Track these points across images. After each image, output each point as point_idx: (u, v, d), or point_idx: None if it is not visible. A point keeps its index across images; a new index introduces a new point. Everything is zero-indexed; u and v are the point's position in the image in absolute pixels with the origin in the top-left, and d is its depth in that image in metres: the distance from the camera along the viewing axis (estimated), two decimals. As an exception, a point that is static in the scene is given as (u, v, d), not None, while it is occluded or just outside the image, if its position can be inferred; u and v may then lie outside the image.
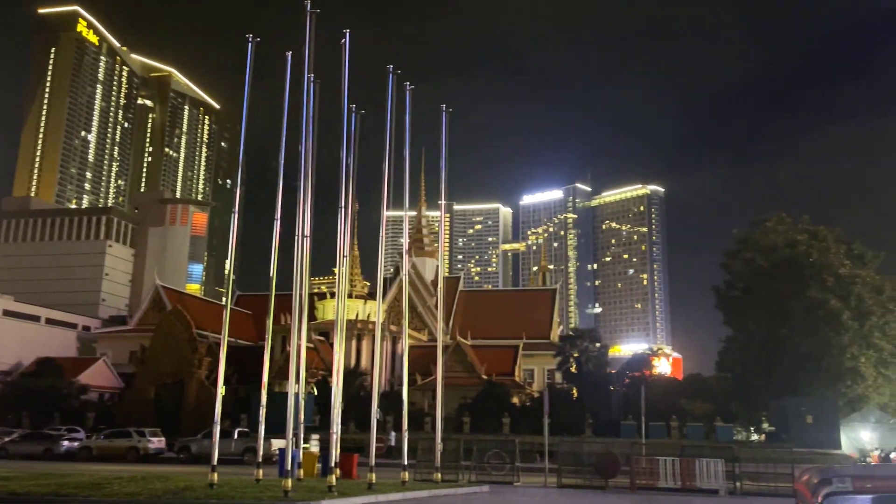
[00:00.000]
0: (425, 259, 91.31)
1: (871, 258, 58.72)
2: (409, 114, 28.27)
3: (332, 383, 25.68)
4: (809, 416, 47.82)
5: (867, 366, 53.15)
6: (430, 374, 59.29)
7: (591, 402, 57.84)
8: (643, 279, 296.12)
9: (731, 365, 60.81)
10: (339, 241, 25.62)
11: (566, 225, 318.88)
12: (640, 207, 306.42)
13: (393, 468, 28.44)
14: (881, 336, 54.86)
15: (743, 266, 60.21)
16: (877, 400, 53.64)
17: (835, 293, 53.67)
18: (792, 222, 61.03)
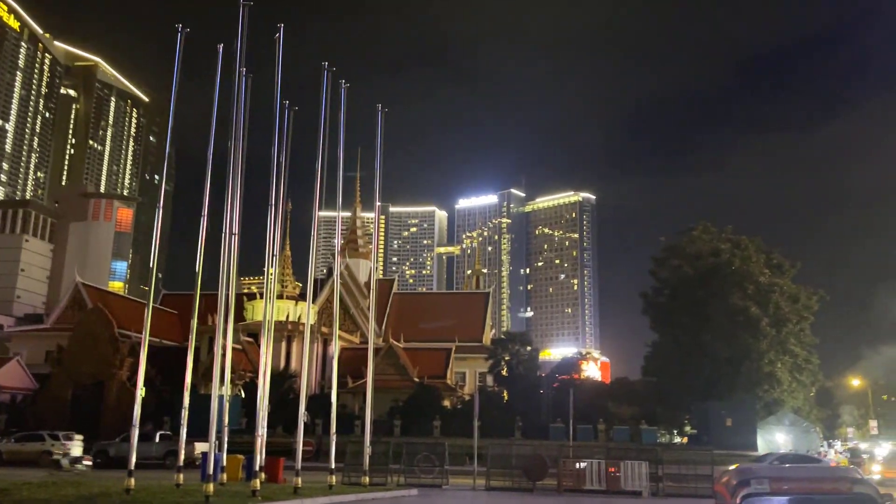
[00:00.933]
0: (359, 260, 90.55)
1: (788, 268, 61.30)
2: (343, 112, 27.95)
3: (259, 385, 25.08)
4: (729, 419, 49.50)
5: (783, 371, 55.43)
6: (361, 376, 58.70)
7: (521, 405, 58.40)
8: (574, 284, 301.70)
9: (656, 369, 62.45)
10: (270, 240, 25.08)
11: (500, 229, 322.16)
12: (573, 214, 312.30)
13: (321, 472, 27.95)
14: (796, 342, 57.34)
15: (669, 273, 62.02)
16: (791, 403, 55.99)
17: (755, 301, 55.80)
18: (716, 231, 63.22)
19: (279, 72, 24.70)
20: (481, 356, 72.34)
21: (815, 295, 60.08)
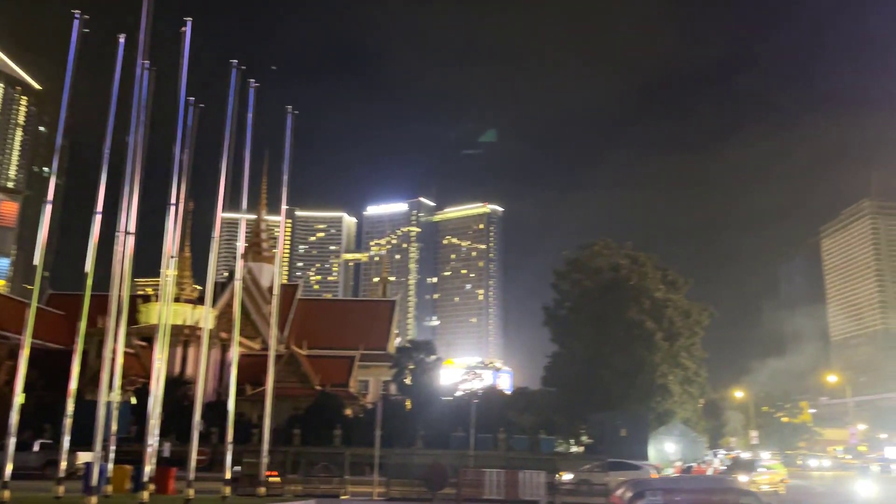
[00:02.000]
0: (263, 265, 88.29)
1: (682, 284, 64.14)
2: (251, 112, 27.20)
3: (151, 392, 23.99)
4: (624, 429, 51.08)
5: (674, 383, 57.85)
6: (261, 383, 57.11)
7: (424, 414, 58.32)
8: (479, 294, 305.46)
9: (555, 380, 63.88)
10: (168, 240, 24.09)
11: (409, 238, 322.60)
12: (480, 225, 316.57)
13: (216, 482, 26.98)
14: (687, 356, 60.00)
15: (571, 286, 63.72)
16: (681, 415, 58.46)
17: (650, 315, 58.05)
18: (616, 247, 65.44)
19: (184, 67, 23.83)
20: (386, 364, 71.88)
21: (705, 311, 63.09)
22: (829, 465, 79.31)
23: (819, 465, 77.06)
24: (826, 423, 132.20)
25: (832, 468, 75.98)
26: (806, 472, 67.05)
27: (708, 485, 13.34)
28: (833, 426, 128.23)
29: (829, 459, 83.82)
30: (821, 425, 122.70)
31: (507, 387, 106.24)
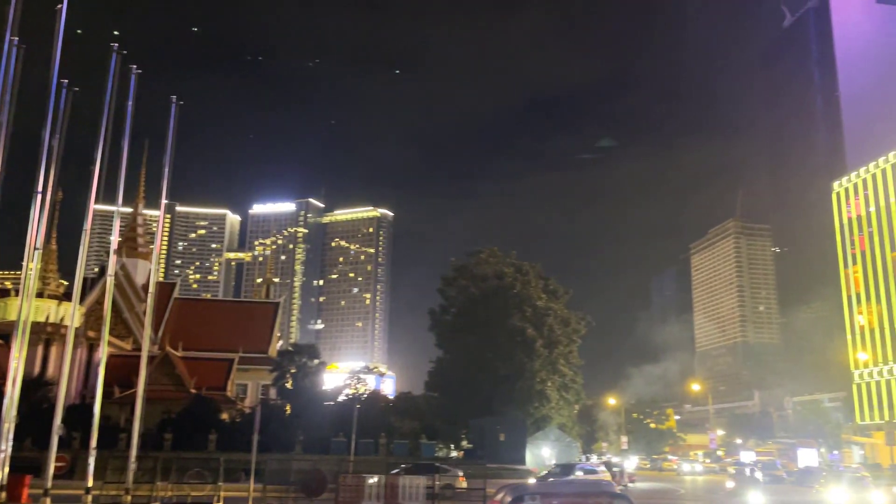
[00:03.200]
0: (138, 261, 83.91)
1: (562, 294, 66.39)
2: (132, 99, 25.83)
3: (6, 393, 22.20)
4: (503, 434, 52.18)
5: (552, 389, 59.71)
6: (131, 385, 54.36)
7: (304, 419, 57.26)
8: (366, 299, 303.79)
9: (438, 385, 64.46)
10: (32, 230, 22.45)
11: (296, 239, 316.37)
12: (370, 229, 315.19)
13: (77, 489, 25.28)
14: (565, 363, 62.09)
15: (457, 292, 64.56)
16: (557, 420, 60.39)
17: (532, 323, 59.70)
18: (502, 256, 66.91)
19: (58, 46, 22.31)
20: (266, 368, 70.05)
21: (583, 320, 65.58)
22: (701, 469, 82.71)
23: (692, 469, 79.40)
24: (689, 429, 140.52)
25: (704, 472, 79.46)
26: (680, 477, 70.09)
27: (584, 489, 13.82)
28: (695, 432, 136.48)
29: (700, 464, 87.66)
30: (684, 431, 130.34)
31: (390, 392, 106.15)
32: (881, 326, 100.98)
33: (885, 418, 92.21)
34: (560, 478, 33.56)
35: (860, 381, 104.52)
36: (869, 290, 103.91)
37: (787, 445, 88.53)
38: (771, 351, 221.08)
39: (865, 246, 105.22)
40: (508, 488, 14.91)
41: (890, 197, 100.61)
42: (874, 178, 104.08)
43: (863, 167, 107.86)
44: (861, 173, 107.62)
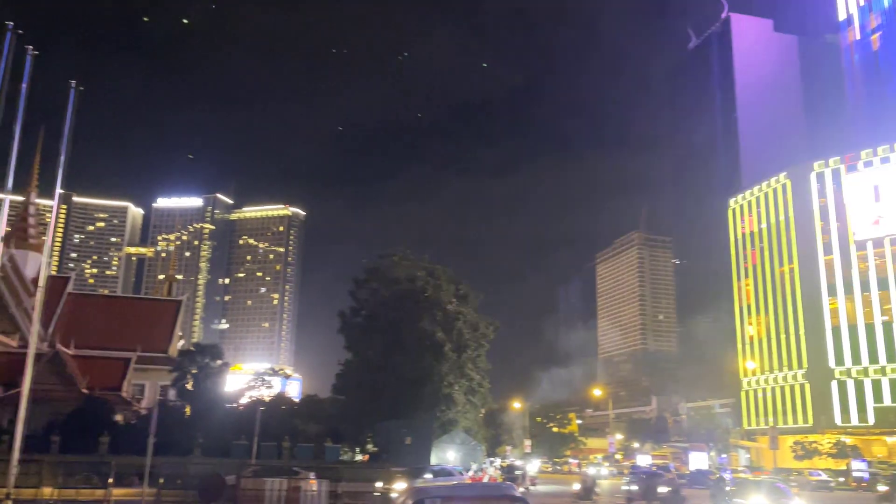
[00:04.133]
0: (28, 253, 78.91)
1: (473, 298, 67.02)
2: (26, 81, 24.34)
3: None
4: (409, 437, 52.13)
5: (459, 393, 60.16)
6: (16, 385, 51.09)
7: (205, 422, 55.42)
8: (274, 299, 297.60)
9: (346, 388, 63.79)
10: None
11: (202, 235, 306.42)
12: (280, 227, 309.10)
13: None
14: (473, 367, 62.70)
15: (368, 295, 64.11)
16: (463, 424, 60.88)
17: (441, 326, 59.98)
18: (415, 259, 66.91)
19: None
20: (166, 368, 67.32)
21: (492, 325, 66.39)
22: (606, 473, 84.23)
23: (597, 472, 79.56)
24: (590, 433, 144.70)
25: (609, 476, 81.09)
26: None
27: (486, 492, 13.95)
28: (596, 436, 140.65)
29: (606, 468, 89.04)
30: (586, 435, 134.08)
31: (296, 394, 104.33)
32: (768, 337, 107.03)
33: (769, 423, 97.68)
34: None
35: (748, 388, 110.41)
36: (759, 302, 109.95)
37: (681, 449, 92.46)
38: (669, 358, 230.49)
39: (757, 260, 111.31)
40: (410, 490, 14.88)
41: (780, 215, 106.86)
42: (766, 196, 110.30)
43: (756, 186, 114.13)
44: (755, 192, 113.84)
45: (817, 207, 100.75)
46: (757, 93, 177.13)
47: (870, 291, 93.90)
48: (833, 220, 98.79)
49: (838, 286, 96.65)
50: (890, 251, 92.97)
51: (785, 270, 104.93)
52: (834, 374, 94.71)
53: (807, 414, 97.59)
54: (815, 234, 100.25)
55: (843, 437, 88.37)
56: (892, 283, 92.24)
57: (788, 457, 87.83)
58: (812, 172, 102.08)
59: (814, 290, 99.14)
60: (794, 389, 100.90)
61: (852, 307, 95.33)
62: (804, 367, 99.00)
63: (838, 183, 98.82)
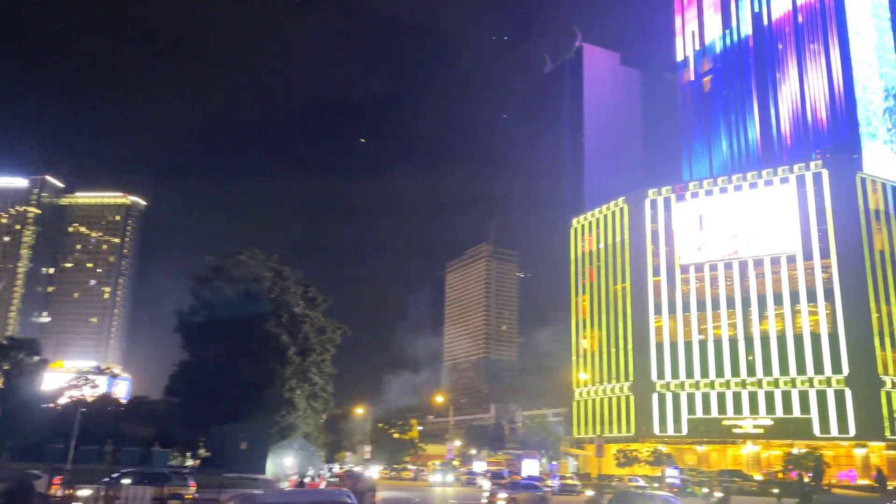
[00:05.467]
0: None
1: (321, 302, 66.15)
2: None
3: None
4: (244, 442, 50.50)
5: (301, 398, 59.05)
6: None
7: (17, 422, 50.76)
8: (105, 292, 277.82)
9: (180, 390, 60.70)
10: None
11: (25, 219, 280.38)
12: (117, 217, 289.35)
13: None
14: (317, 371, 61.80)
15: (211, 293, 61.41)
16: (303, 429, 59.80)
17: (287, 329, 58.66)
18: (263, 259, 64.99)
19: None
20: (-28, 363, 60.98)
21: (339, 329, 65.83)
22: (452, 479, 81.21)
23: (443, 479, 78.82)
24: (430, 440, 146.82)
25: (454, 483, 78.98)
26: (430, 487, 71.39)
27: (316, 498, 13.72)
28: (436, 442, 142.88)
29: (452, 474, 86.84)
30: (426, 441, 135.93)
31: (124, 395, 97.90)
32: (600, 350, 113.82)
33: (597, 432, 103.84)
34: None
35: (579, 398, 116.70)
36: (594, 317, 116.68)
37: (515, 456, 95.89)
38: (509, 367, 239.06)
39: (594, 278, 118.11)
40: (239, 497, 14.36)
41: (616, 236, 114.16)
42: (606, 218, 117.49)
43: (597, 208, 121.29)
44: (595, 213, 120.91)
45: (649, 232, 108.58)
46: (602, 120, 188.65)
47: (690, 312, 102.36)
48: (662, 245, 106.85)
49: (663, 306, 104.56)
50: (709, 276, 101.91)
51: (618, 289, 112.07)
52: (655, 387, 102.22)
53: (630, 424, 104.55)
54: (646, 257, 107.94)
55: (660, 445, 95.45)
56: (709, 306, 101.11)
57: (612, 464, 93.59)
58: (647, 199, 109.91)
59: (642, 309, 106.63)
60: (620, 401, 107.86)
61: (674, 326, 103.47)
62: (630, 380, 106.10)
63: (669, 210, 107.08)
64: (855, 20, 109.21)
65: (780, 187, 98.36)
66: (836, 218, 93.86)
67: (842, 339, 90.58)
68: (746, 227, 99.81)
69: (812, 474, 69.89)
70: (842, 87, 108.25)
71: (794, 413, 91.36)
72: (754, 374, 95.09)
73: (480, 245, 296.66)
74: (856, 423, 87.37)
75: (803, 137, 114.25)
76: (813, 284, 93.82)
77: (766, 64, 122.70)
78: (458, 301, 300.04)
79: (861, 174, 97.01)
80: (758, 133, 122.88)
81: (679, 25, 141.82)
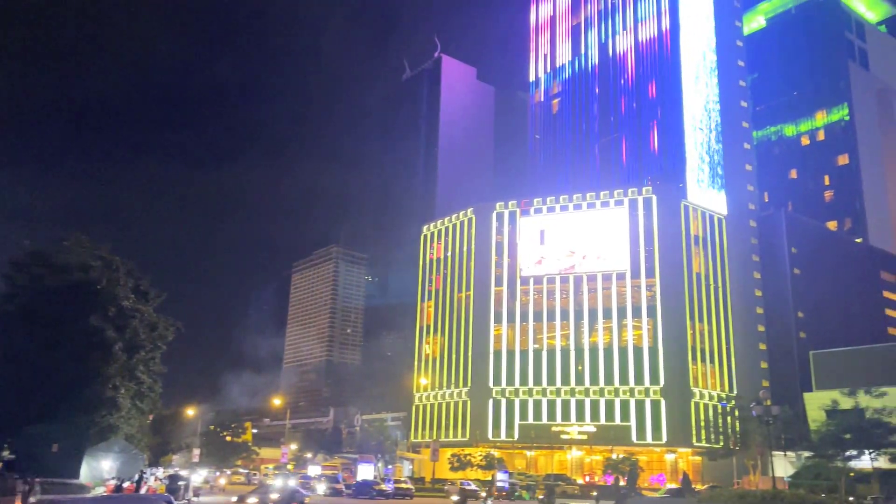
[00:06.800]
0: None
1: (154, 296, 62.51)
2: None
3: None
4: (56, 444, 46.75)
5: (125, 397, 55.48)
6: None
7: None
8: None
9: (-15, 385, 55.07)
10: None
11: None
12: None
13: None
14: (145, 370, 58.35)
15: (29, 281, 56.26)
16: (126, 430, 56.21)
17: (114, 324, 54.91)
18: (92, 247, 60.41)
19: None
20: None
21: (172, 326, 62.54)
22: (294, 484, 78.10)
23: (284, 484, 75.36)
24: (265, 443, 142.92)
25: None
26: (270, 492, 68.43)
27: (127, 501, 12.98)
28: (271, 446, 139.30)
29: (295, 479, 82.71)
30: (260, 444, 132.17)
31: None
32: (442, 356, 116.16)
33: (433, 437, 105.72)
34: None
35: (419, 403, 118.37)
36: (438, 323, 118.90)
37: (351, 460, 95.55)
38: (352, 371, 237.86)
39: (441, 285, 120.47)
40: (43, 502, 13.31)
41: (464, 246, 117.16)
42: (455, 227, 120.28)
43: (447, 217, 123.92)
44: (445, 221, 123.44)
45: (494, 243, 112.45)
46: (457, 131, 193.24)
47: (528, 322, 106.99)
48: (506, 256, 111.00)
49: (503, 315, 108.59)
50: (547, 288, 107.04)
51: (463, 297, 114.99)
52: (491, 393, 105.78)
53: (466, 428, 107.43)
54: (490, 267, 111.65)
55: (492, 450, 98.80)
56: (545, 317, 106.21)
57: (446, 468, 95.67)
58: (494, 211, 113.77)
59: (484, 317, 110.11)
60: (458, 406, 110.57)
61: (512, 335, 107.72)
62: (468, 386, 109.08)
63: (514, 224, 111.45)
64: (689, 61, 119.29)
65: (614, 209, 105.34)
66: (662, 240, 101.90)
67: (661, 353, 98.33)
68: (583, 244, 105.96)
69: (627, 478, 75.08)
70: (671, 120, 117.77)
71: (615, 420, 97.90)
72: (583, 383, 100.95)
73: (330, 246, 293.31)
74: (668, 431, 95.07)
75: (637, 164, 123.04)
76: (639, 301, 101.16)
77: (609, 92, 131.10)
78: (304, 302, 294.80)
79: (685, 202, 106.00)
80: (598, 156, 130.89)
81: (533, 47, 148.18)
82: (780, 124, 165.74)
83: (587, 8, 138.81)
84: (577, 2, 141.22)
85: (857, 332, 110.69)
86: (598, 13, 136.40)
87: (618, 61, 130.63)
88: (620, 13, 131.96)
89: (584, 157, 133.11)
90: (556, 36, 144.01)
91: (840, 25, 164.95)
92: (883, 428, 63.32)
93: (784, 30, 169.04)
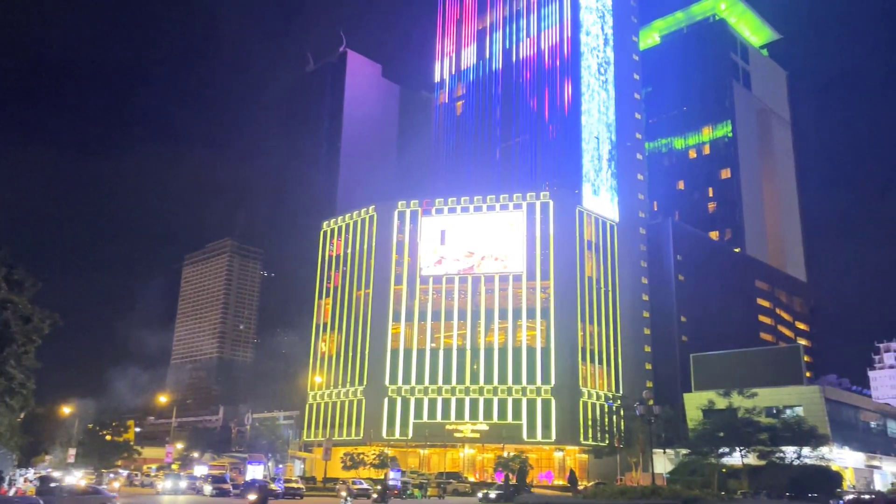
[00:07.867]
0: None
1: (30, 286, 58.39)
2: None
3: None
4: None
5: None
6: None
7: None
8: None
9: None
10: None
11: None
12: None
13: None
14: (16, 364, 54.38)
15: None
16: (-7, 429, 52.38)
17: (-16, 315, 51.01)
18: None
19: None
20: None
21: (49, 318, 58.62)
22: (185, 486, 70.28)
23: (175, 486, 70.08)
24: (149, 442, 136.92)
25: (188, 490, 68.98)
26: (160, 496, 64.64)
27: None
28: (155, 445, 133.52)
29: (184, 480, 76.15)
30: (143, 444, 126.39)
31: None
32: (338, 354, 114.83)
33: (327, 436, 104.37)
34: None
35: (313, 401, 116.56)
36: (335, 321, 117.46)
37: (240, 459, 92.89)
38: (244, 368, 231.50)
39: (339, 282, 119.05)
40: None
41: (364, 243, 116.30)
42: (356, 224, 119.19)
43: (348, 213, 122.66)
44: (346, 218, 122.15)
45: (395, 242, 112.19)
46: (360, 127, 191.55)
47: (426, 321, 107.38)
48: (406, 255, 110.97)
49: (402, 314, 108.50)
50: (446, 288, 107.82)
51: (361, 294, 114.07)
52: (387, 392, 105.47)
53: (360, 427, 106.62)
54: (390, 265, 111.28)
55: (386, 448, 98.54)
56: (444, 316, 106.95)
57: (339, 467, 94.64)
58: (396, 210, 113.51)
59: (382, 315, 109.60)
60: (352, 404, 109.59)
61: (410, 333, 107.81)
62: (364, 384, 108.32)
63: (416, 223, 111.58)
64: (587, 71, 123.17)
65: (513, 212, 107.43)
66: (557, 244, 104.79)
67: (552, 353, 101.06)
68: (482, 245, 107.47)
69: (517, 475, 76.70)
70: (569, 127, 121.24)
71: (507, 419, 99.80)
72: (477, 382, 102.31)
73: (224, 239, 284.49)
74: (557, 430, 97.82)
75: (536, 169, 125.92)
76: (533, 303, 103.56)
77: (512, 97, 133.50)
78: (195, 296, 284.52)
79: (580, 208, 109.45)
80: (499, 160, 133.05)
81: (439, 49, 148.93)
82: (671, 137, 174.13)
83: (493, 13, 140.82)
84: (483, 5, 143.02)
85: (733, 336, 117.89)
86: (504, 18, 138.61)
87: (521, 67, 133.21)
88: (525, 19, 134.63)
89: (486, 159, 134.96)
90: (462, 39, 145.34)
91: (726, 47, 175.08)
92: (753, 426, 67.68)
93: (676, 48, 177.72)
